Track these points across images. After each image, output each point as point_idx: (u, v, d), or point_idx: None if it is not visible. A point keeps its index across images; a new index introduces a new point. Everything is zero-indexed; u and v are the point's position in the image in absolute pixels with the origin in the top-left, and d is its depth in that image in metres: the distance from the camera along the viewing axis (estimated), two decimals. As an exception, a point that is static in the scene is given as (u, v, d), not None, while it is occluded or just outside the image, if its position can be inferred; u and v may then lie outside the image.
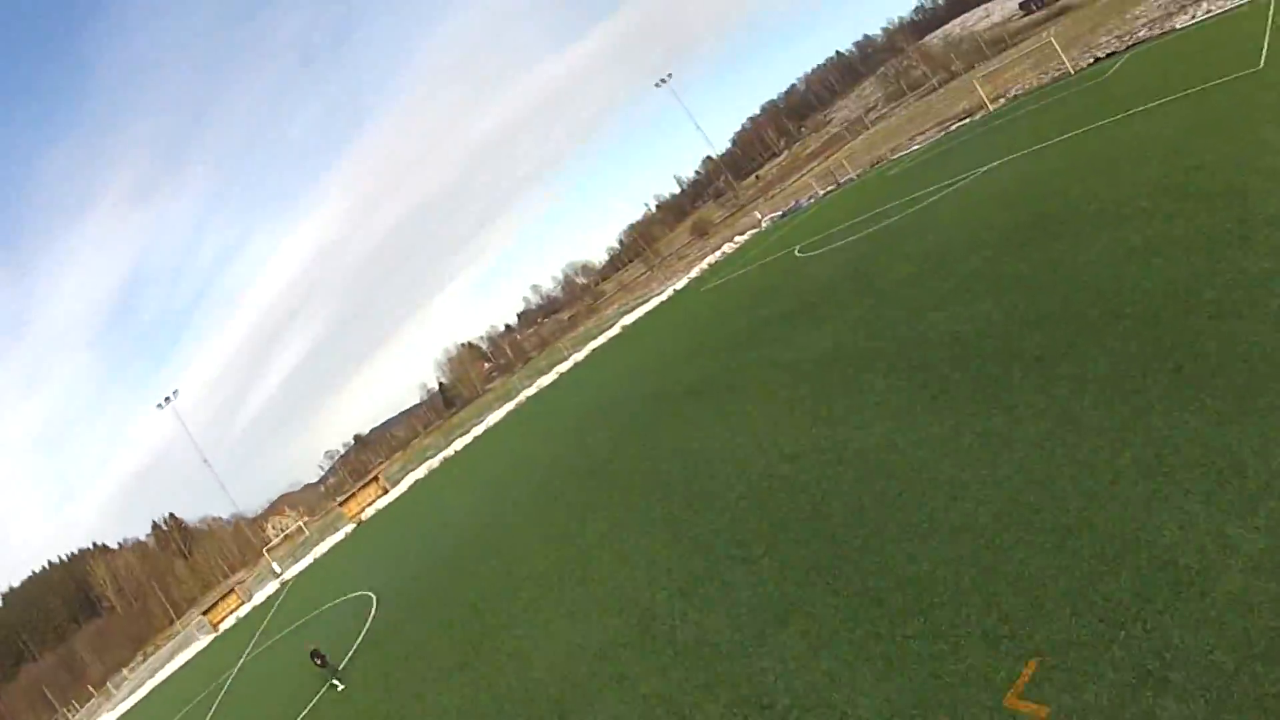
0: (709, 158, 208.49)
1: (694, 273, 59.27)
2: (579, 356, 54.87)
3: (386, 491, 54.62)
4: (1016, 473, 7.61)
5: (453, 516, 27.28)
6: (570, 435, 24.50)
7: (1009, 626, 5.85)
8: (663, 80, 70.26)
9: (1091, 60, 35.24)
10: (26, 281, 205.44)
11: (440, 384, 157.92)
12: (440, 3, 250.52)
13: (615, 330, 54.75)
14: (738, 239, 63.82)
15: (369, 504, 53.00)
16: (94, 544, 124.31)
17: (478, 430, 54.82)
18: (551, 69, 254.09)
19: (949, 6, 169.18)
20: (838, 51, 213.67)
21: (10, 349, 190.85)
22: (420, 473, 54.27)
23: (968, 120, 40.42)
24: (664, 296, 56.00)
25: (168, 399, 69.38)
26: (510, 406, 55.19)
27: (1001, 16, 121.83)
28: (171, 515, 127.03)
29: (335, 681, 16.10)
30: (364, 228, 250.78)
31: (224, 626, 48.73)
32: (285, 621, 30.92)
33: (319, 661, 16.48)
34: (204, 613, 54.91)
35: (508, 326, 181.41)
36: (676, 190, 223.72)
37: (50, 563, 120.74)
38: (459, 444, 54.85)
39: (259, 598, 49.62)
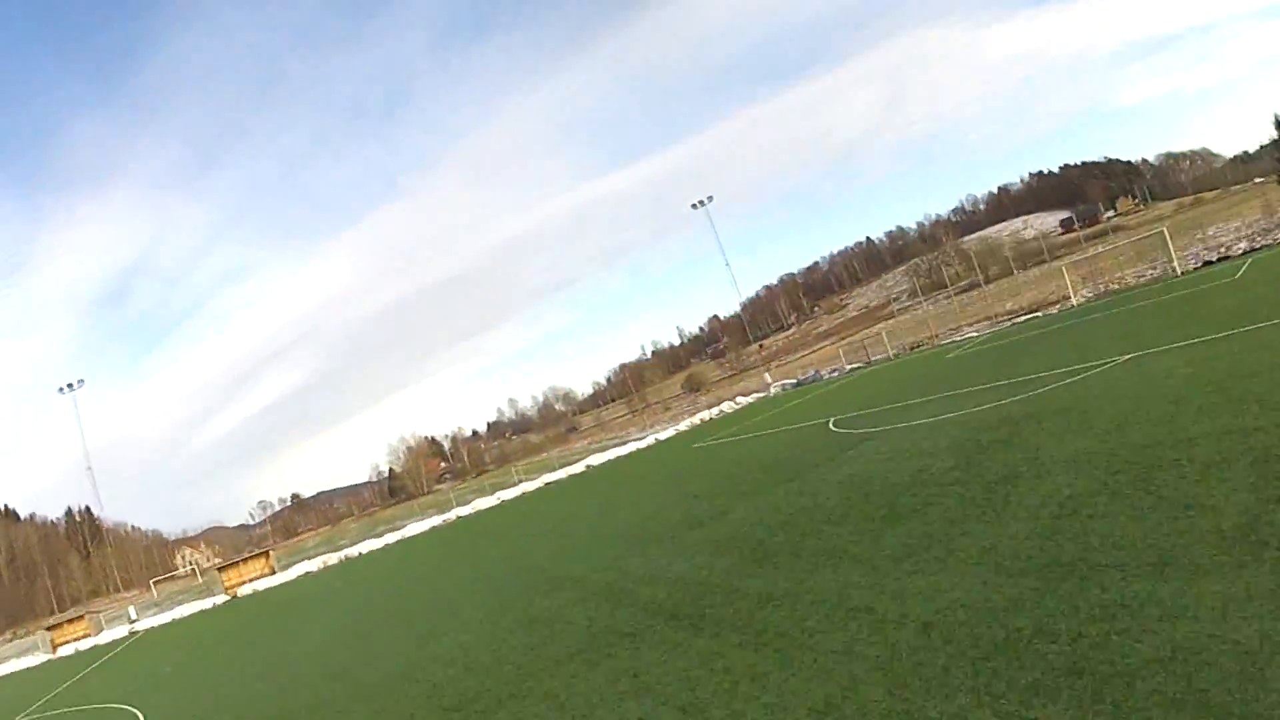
0: (715, 316, 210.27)
1: (683, 425, 53.59)
2: (529, 486, 48.88)
3: (274, 572, 50.20)
4: None
5: (297, 648, 20.31)
6: (474, 599, 16.65)
7: None
8: (701, 202, 68.03)
9: (1200, 263, 32.65)
10: (32, 232, 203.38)
11: (390, 470, 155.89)
12: (497, 102, 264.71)
13: (579, 468, 49.01)
14: (740, 399, 58.21)
15: (249, 580, 49.85)
16: (4, 507, 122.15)
17: (391, 537, 49.22)
18: (587, 193, 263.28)
19: (989, 212, 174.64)
20: (868, 238, 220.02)
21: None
22: (314, 565, 48.79)
23: (1040, 314, 35.82)
24: (642, 444, 50.38)
25: (71, 385, 65.38)
26: (437, 520, 49.32)
27: (1038, 231, 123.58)
28: (87, 508, 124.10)
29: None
30: (371, 293, 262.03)
31: (62, 652, 45.92)
32: (71, 699, 23.98)
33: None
34: (49, 629, 52.76)
35: (474, 432, 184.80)
36: (676, 341, 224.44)
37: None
38: (367, 546, 49.50)
39: (105, 637, 46.40)
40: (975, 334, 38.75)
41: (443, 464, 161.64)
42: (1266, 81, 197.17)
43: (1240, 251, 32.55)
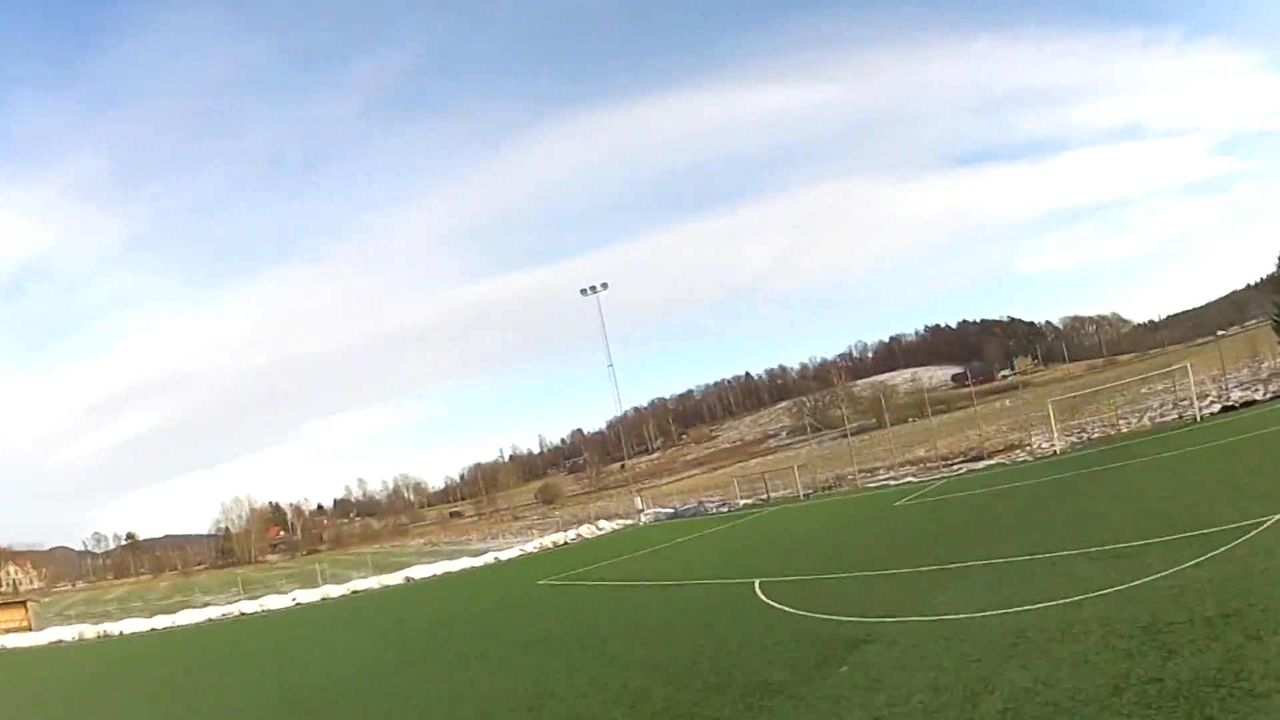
0: (579, 430, 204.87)
1: (530, 545, 45.43)
2: (333, 591, 39.18)
3: (30, 628, 43.00)
4: None
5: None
6: None
7: None
8: (593, 288, 62.52)
9: (1220, 408, 30.97)
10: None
11: (226, 530, 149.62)
12: (411, 184, 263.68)
13: (397, 579, 39.94)
14: (603, 523, 49.77)
15: (2, 630, 42.40)
16: None
17: (161, 621, 38.74)
18: (476, 292, 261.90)
19: (878, 360, 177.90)
20: (747, 373, 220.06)
21: None
22: (69, 633, 39.09)
23: (1005, 461, 32.02)
24: (479, 560, 42.29)
25: None
26: (217, 613, 39.30)
27: (929, 383, 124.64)
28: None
29: None
30: (253, 348, 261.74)
31: None
32: None
33: None
34: None
35: (320, 506, 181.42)
36: (536, 449, 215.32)
37: None
38: (130, 625, 38.99)
39: None
40: (914, 479, 32.74)
41: (281, 532, 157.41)
42: (1182, 254, 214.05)
43: (1266, 395, 31.53)
